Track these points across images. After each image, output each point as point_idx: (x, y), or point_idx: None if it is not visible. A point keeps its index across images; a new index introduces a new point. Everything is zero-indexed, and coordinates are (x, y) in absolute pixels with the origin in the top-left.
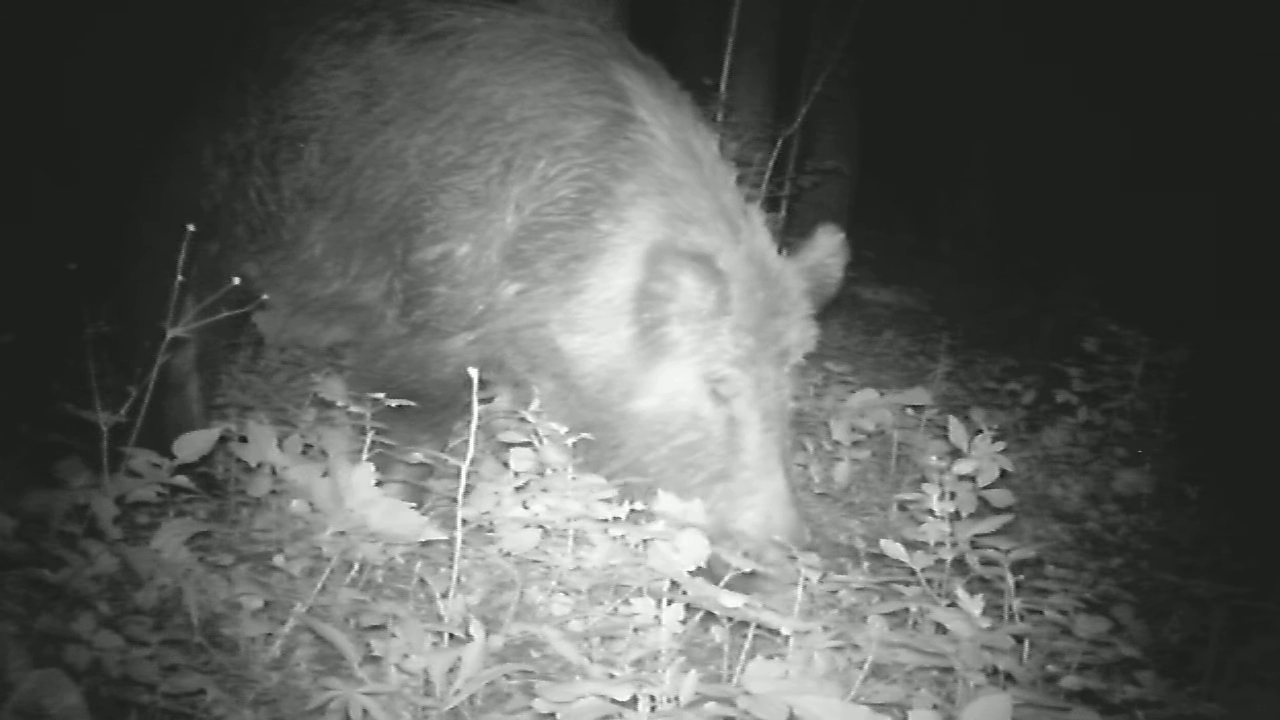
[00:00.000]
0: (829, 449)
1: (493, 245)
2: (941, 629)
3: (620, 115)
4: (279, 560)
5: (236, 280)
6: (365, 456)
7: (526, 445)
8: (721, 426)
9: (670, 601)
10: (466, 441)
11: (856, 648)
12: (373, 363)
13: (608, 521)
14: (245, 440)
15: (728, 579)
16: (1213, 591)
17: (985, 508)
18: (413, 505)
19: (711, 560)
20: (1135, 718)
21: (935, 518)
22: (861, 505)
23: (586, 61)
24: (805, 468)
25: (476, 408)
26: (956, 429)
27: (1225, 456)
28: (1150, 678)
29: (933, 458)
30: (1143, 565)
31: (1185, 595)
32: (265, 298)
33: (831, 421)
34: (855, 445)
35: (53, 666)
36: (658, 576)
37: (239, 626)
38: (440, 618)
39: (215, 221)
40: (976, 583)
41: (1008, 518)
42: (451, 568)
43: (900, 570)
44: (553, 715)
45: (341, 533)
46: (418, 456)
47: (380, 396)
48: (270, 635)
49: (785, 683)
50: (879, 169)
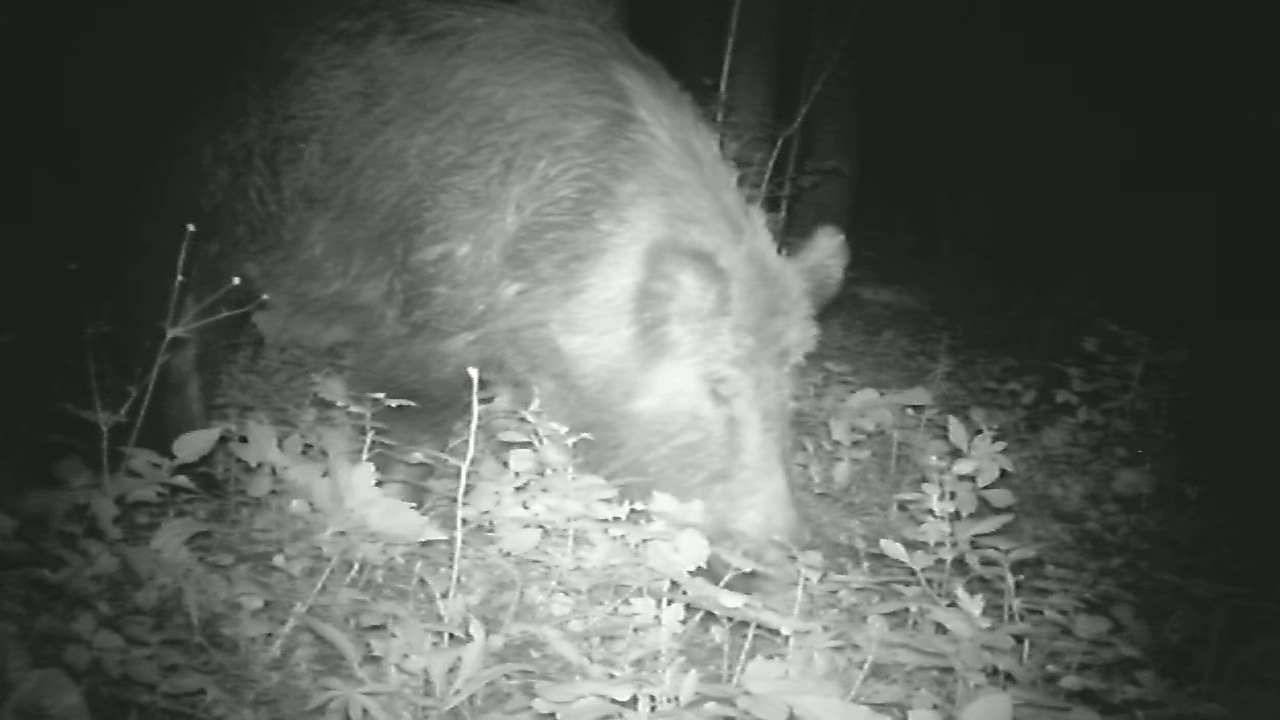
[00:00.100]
0: (829, 449)
1: (493, 245)
2: (941, 629)
3: (621, 115)
4: (279, 560)
5: (236, 280)
6: (365, 456)
7: (526, 445)
8: (721, 426)
9: (670, 601)
10: (466, 441)
11: (856, 648)
12: (373, 363)
13: (608, 521)
14: (245, 440)
15: (728, 579)
16: (1213, 591)
17: (985, 508)
18: (413, 505)
19: (711, 560)
20: (1135, 718)
21: (935, 518)
22: (861, 505)
23: (587, 61)
24: (805, 468)
25: (476, 408)
26: (956, 429)
27: (1225, 456)
28: (1150, 678)
29: (933, 458)
30: (1143, 565)
31: (1185, 595)
32: (265, 298)
33: (831, 421)
34: (855, 445)
35: (53, 666)
36: (658, 576)
37: (239, 626)
38: (440, 618)
39: (215, 221)
40: (976, 583)
41: (1008, 518)
42: (451, 568)
43: (900, 570)
44: (553, 715)
45: (341, 533)
46: (418, 456)
47: (380, 396)
48: (270, 635)
49: (785, 683)
50: (879, 169)
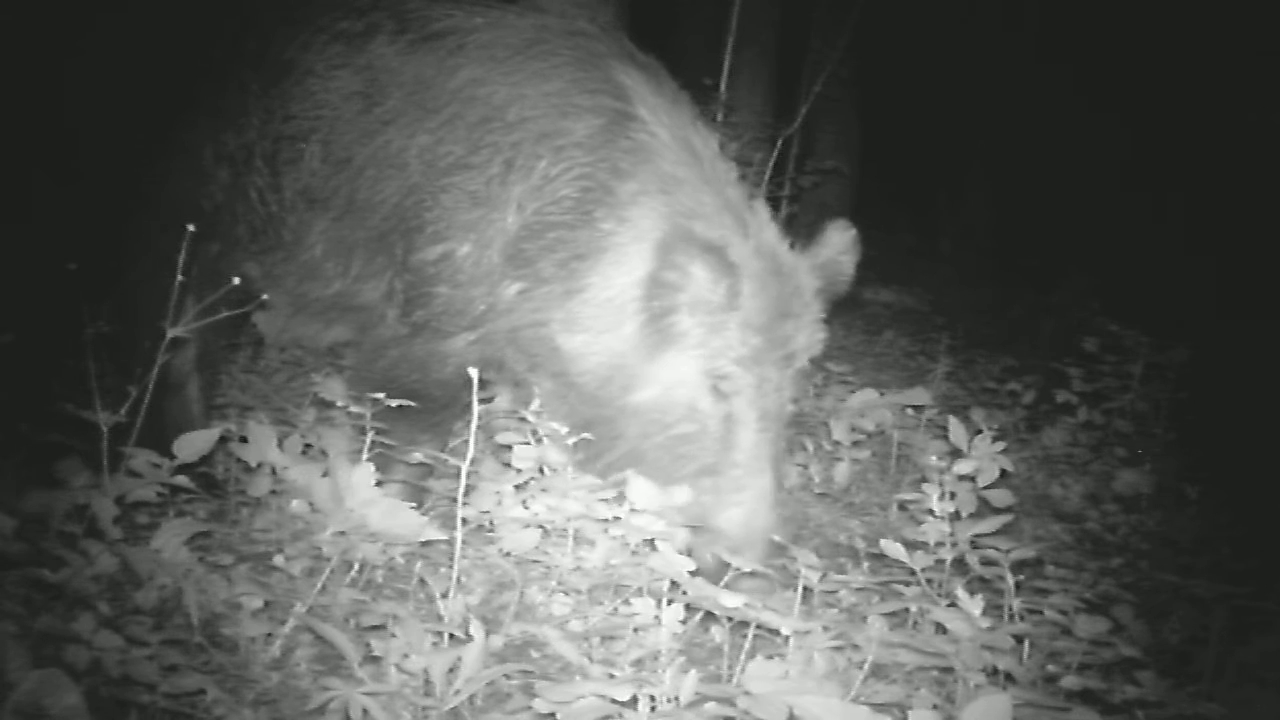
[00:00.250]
0: (829, 449)
1: (494, 245)
2: (941, 629)
3: (621, 114)
4: (279, 560)
5: (237, 280)
6: (365, 456)
7: (526, 445)
8: (718, 422)
9: (670, 601)
10: (466, 441)
11: (856, 648)
12: (373, 363)
13: (607, 521)
14: (245, 440)
15: (728, 579)
16: (1213, 591)
17: (985, 508)
18: (413, 505)
19: (691, 549)
20: (1135, 718)
21: (935, 518)
22: (861, 505)
23: (587, 61)
24: (805, 468)
25: (476, 408)
26: (956, 429)
27: (1225, 456)
28: (1150, 678)
29: (933, 458)
30: (1143, 565)
31: (1185, 595)
32: (265, 298)
33: (831, 421)
34: (855, 445)
35: (53, 666)
36: (658, 576)
37: (239, 626)
38: (440, 618)
39: (216, 222)
40: (976, 583)
41: (1008, 518)
42: (451, 568)
43: (900, 570)
44: (553, 715)
45: (341, 533)
46: (418, 456)
47: (380, 396)
48: (270, 635)
49: (785, 683)
50: (879, 169)
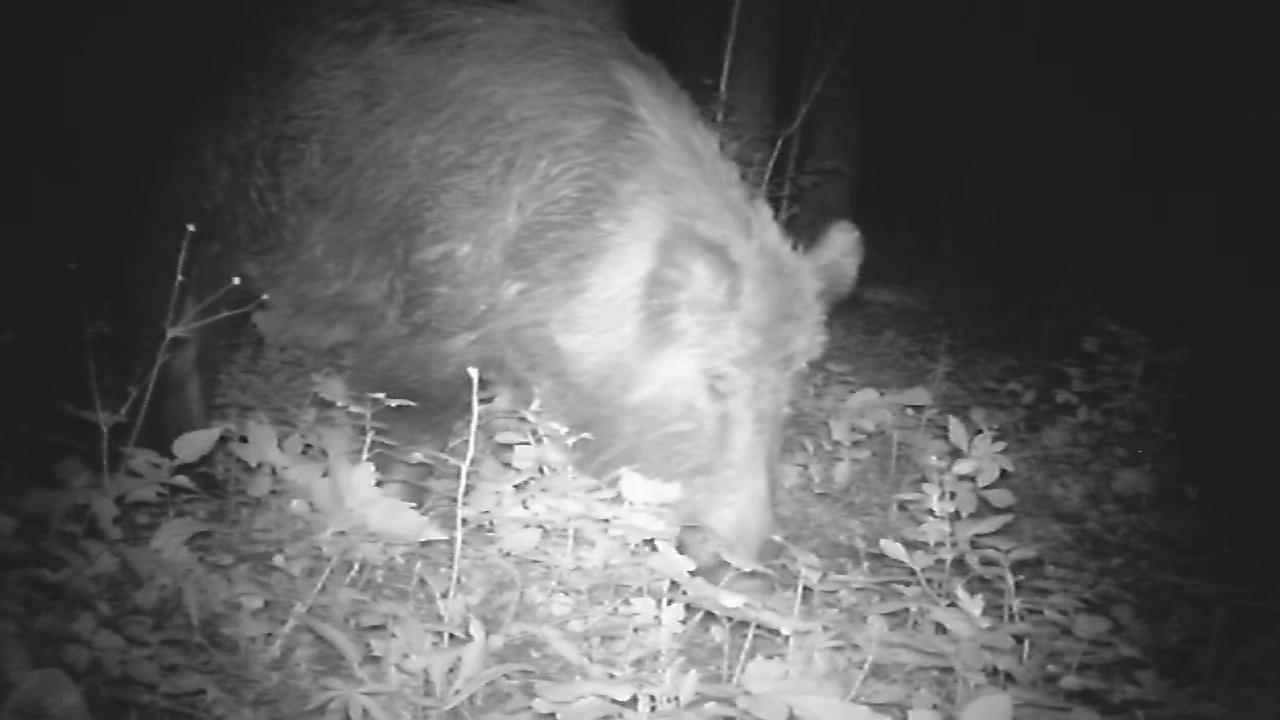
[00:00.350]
0: (829, 449)
1: (494, 245)
2: (941, 629)
3: (621, 114)
4: (279, 560)
5: (237, 280)
6: (365, 456)
7: (526, 445)
8: (714, 422)
9: (670, 601)
10: (466, 441)
11: (856, 648)
12: (373, 363)
13: (607, 521)
14: (245, 440)
15: (727, 579)
16: (1213, 591)
17: (985, 508)
18: (413, 505)
19: (684, 547)
20: (1135, 718)
21: (935, 518)
22: (861, 505)
23: (587, 61)
24: (805, 468)
25: (476, 408)
26: (956, 429)
27: (1225, 456)
28: (1150, 678)
29: (933, 458)
30: (1143, 565)
31: (1185, 595)
32: (265, 298)
33: (831, 421)
34: (855, 445)
35: (53, 666)
36: (657, 576)
37: (239, 626)
38: (440, 618)
39: (216, 222)
40: (976, 583)
41: (1008, 518)
42: (451, 568)
43: (900, 570)
44: (553, 715)
45: (341, 533)
46: (418, 456)
47: (380, 396)
48: (270, 635)
49: (785, 683)
50: (879, 169)
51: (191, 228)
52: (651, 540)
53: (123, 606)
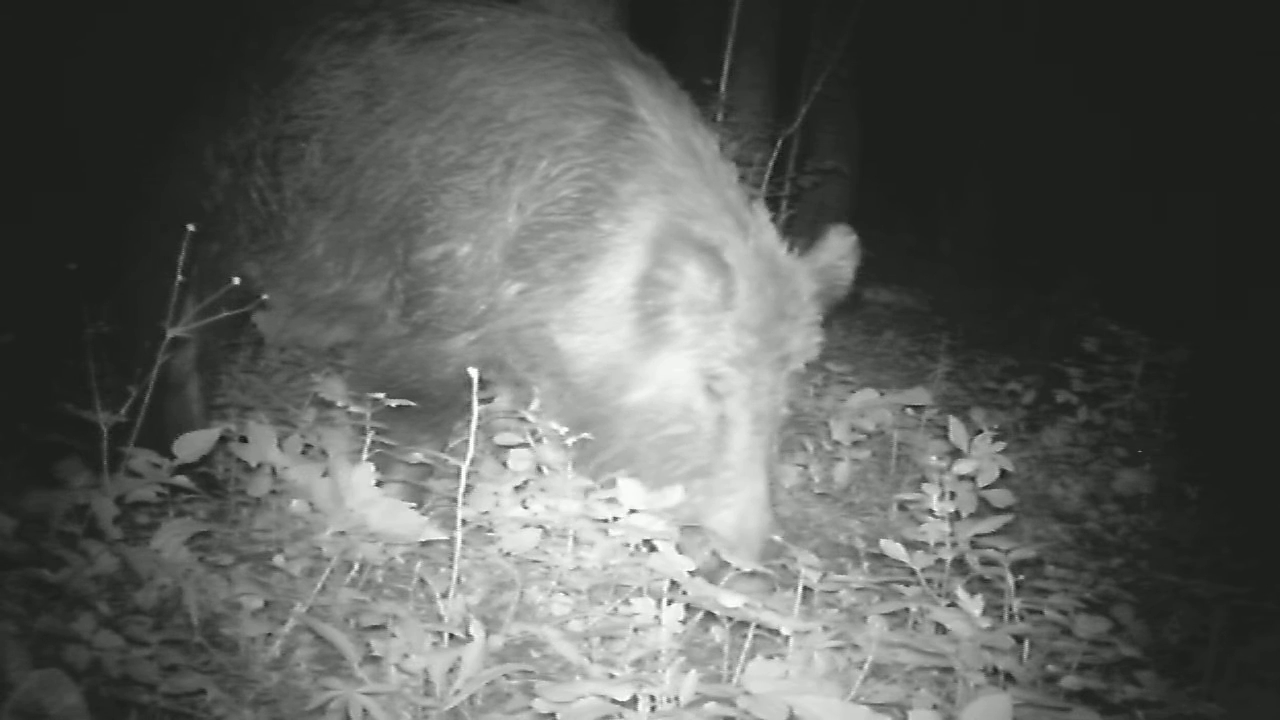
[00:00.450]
0: (829, 449)
1: (494, 245)
2: (941, 629)
3: (621, 115)
4: (279, 560)
5: (237, 280)
6: (365, 456)
7: (524, 445)
8: (711, 423)
9: (670, 601)
10: (466, 441)
11: (856, 648)
12: (373, 363)
13: (607, 521)
14: (245, 440)
15: (727, 579)
16: (1213, 591)
17: (985, 508)
18: (413, 505)
19: (684, 549)
20: (1135, 718)
21: (935, 518)
22: (861, 505)
23: (587, 61)
24: (805, 468)
25: (476, 408)
26: (956, 429)
27: (1225, 456)
28: (1150, 678)
29: (933, 458)
30: (1143, 565)
31: (1185, 595)
32: (266, 298)
33: (831, 421)
34: (855, 445)
35: (53, 666)
36: (657, 576)
37: (239, 626)
38: (440, 618)
39: (216, 222)
40: (976, 583)
41: (1008, 518)
42: (451, 568)
43: (900, 570)
44: (553, 715)
45: (341, 533)
46: (418, 456)
47: (380, 396)
48: (270, 635)
49: (785, 683)
50: (879, 169)
51: (191, 228)
52: (651, 540)
53: (123, 606)
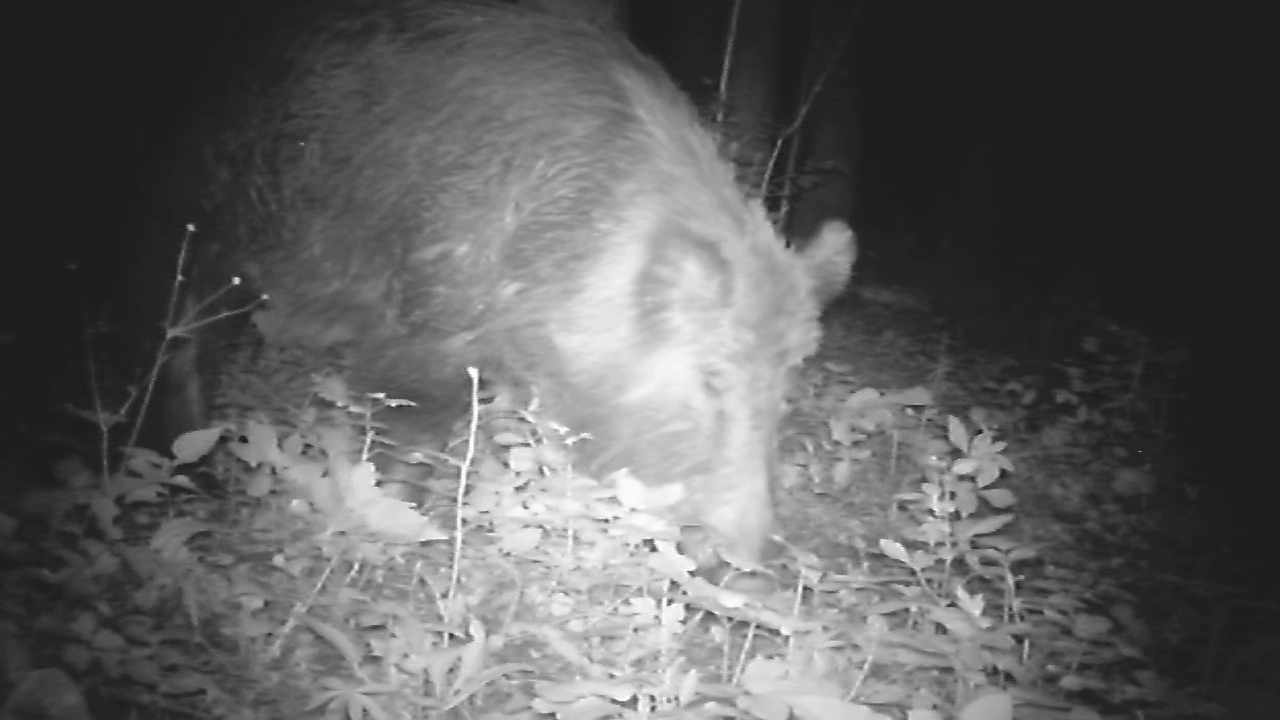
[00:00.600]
0: (829, 449)
1: (492, 245)
2: (941, 629)
3: (619, 115)
4: (279, 560)
5: (237, 280)
6: (365, 456)
7: (524, 445)
8: (710, 420)
9: (670, 601)
10: (466, 441)
11: (856, 648)
12: (373, 363)
13: (607, 521)
14: (245, 440)
15: (727, 579)
16: (1213, 591)
17: (985, 508)
18: (413, 505)
19: (684, 548)
20: (1135, 718)
21: (935, 518)
22: (861, 505)
23: (586, 61)
24: (805, 468)
25: (476, 408)
26: (956, 429)
27: (1225, 456)
28: (1150, 678)
29: (933, 458)
30: (1143, 565)
31: (1185, 595)
32: (265, 298)
33: (831, 421)
34: (855, 445)
35: (53, 666)
36: (657, 576)
37: (239, 626)
38: (440, 618)
39: (216, 221)
40: (976, 583)
41: (1008, 518)
42: (451, 568)
43: (900, 570)
44: (553, 715)
45: (341, 533)
46: (418, 456)
47: (380, 396)
48: (270, 635)
49: (785, 683)
50: (879, 169)
51: (191, 228)
52: (651, 540)
53: (123, 606)
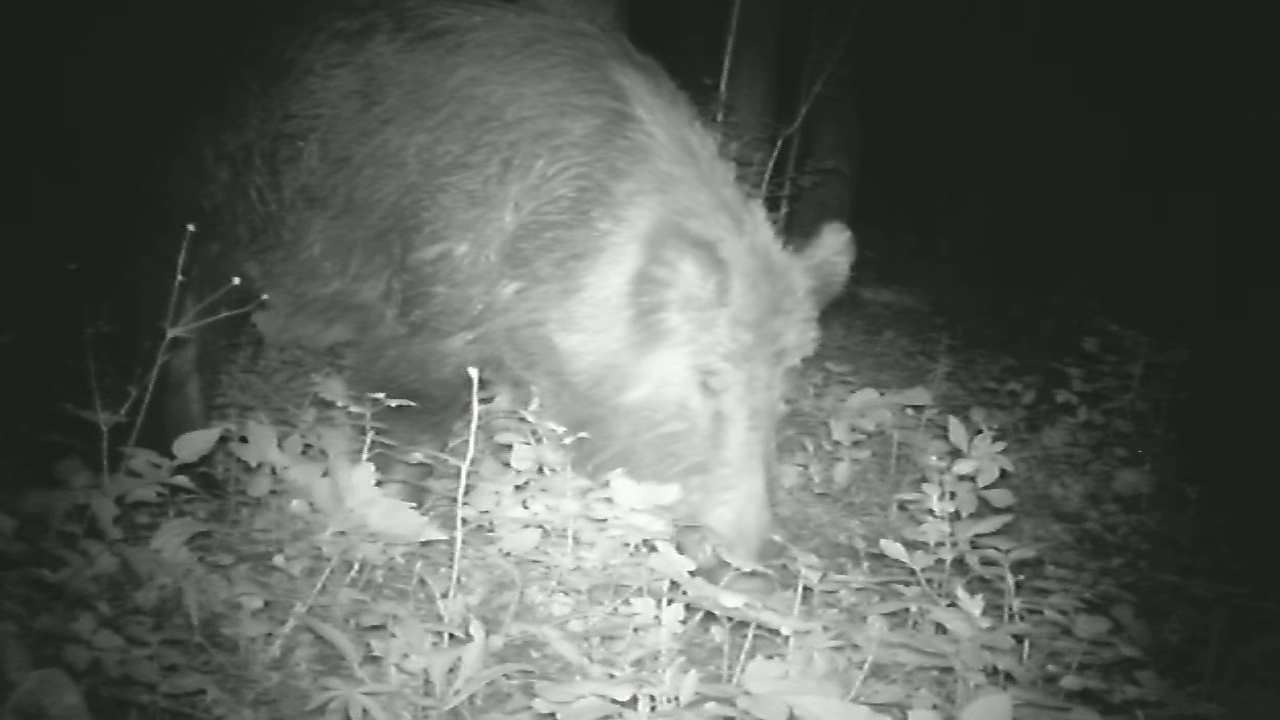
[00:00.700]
0: (829, 449)
1: (491, 244)
2: (941, 629)
3: (618, 114)
4: (279, 560)
5: (236, 280)
6: (365, 456)
7: (525, 445)
8: (708, 420)
9: (670, 601)
10: (466, 441)
11: (856, 648)
12: (372, 363)
13: (606, 522)
14: (245, 440)
15: (727, 579)
16: (1213, 591)
17: (985, 508)
18: (413, 505)
19: (682, 548)
20: (1135, 718)
21: (935, 518)
22: (861, 505)
23: (585, 61)
24: (805, 468)
25: (476, 408)
26: (956, 429)
27: (1225, 456)
28: (1150, 678)
29: (933, 458)
30: (1143, 565)
31: (1185, 595)
32: (265, 298)
33: (831, 421)
34: (855, 445)
35: (53, 666)
36: (657, 576)
37: (239, 626)
38: (440, 618)
39: (216, 221)
40: (976, 583)
41: (1008, 518)
42: (451, 568)
43: (900, 570)
44: (553, 715)
45: (341, 533)
46: (418, 456)
47: (380, 396)
48: (270, 635)
49: (785, 683)
50: (879, 169)
51: (191, 228)
52: (651, 540)
53: (123, 606)
